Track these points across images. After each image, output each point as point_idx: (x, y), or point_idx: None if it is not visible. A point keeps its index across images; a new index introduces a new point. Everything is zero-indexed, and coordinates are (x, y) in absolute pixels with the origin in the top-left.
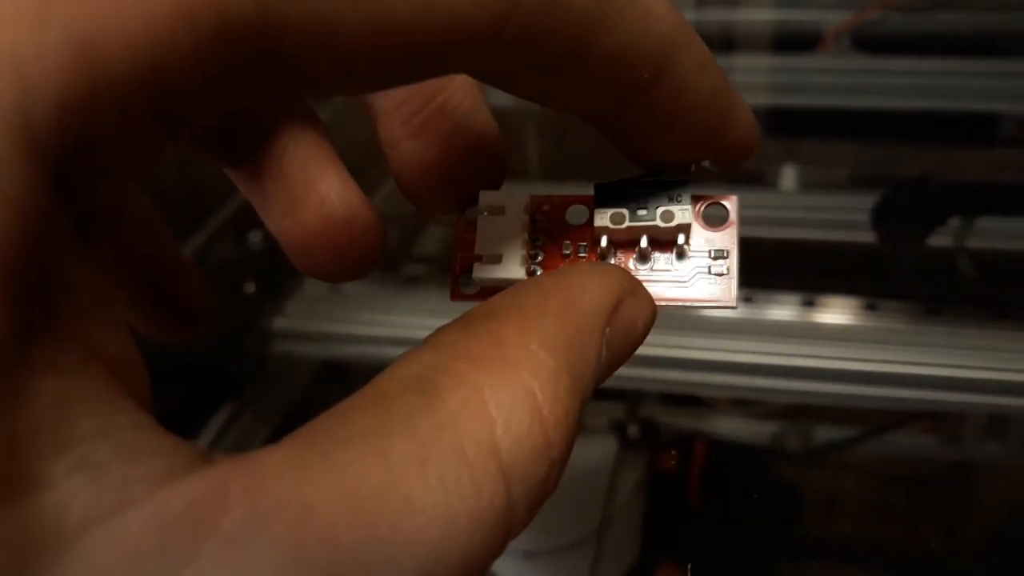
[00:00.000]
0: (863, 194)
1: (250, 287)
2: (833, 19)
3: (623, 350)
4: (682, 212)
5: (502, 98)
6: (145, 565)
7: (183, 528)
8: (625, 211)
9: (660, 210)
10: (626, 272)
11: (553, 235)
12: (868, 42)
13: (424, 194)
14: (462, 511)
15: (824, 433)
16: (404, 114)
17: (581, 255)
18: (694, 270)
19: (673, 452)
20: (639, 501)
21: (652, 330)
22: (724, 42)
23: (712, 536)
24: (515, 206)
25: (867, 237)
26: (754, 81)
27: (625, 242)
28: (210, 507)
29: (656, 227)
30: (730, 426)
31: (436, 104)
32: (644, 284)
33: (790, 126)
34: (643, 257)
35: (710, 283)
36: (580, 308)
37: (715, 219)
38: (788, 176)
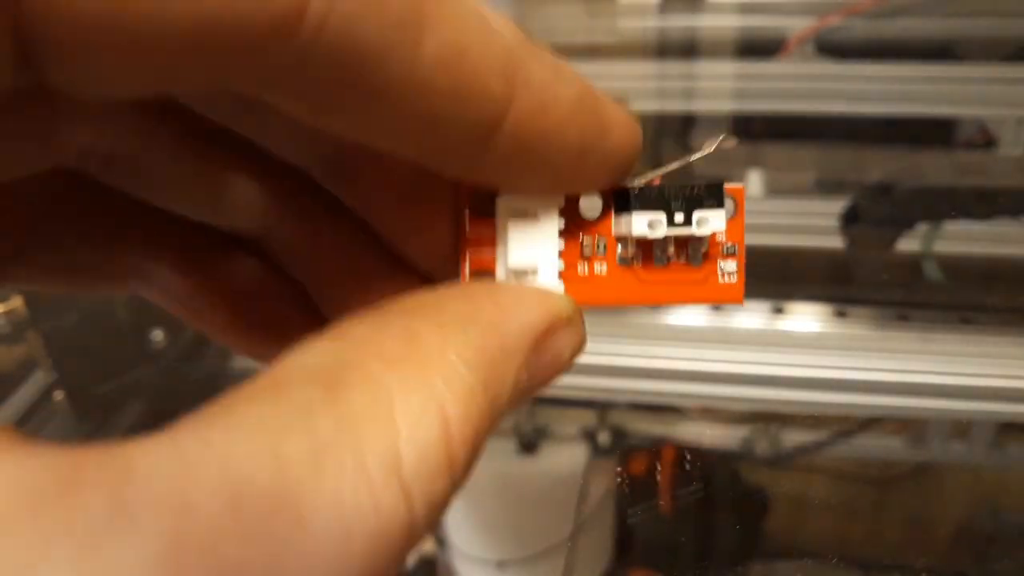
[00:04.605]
0: (829, 199)
1: None
2: (796, 25)
3: (544, 377)
4: (716, 217)
5: None
6: None
7: (24, 524)
8: (663, 217)
9: (696, 216)
10: (571, 300)
11: (569, 229)
12: (831, 48)
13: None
14: (358, 530)
15: (793, 437)
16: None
17: (600, 254)
18: (707, 271)
19: (643, 457)
20: (610, 508)
21: (622, 338)
22: (688, 48)
23: (683, 540)
24: (547, 210)
25: (835, 243)
26: (718, 87)
27: (648, 243)
28: (59, 498)
29: (691, 234)
30: (700, 431)
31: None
32: (658, 285)
33: (754, 131)
34: (665, 259)
35: (722, 281)
36: (508, 326)
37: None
38: (753, 182)
